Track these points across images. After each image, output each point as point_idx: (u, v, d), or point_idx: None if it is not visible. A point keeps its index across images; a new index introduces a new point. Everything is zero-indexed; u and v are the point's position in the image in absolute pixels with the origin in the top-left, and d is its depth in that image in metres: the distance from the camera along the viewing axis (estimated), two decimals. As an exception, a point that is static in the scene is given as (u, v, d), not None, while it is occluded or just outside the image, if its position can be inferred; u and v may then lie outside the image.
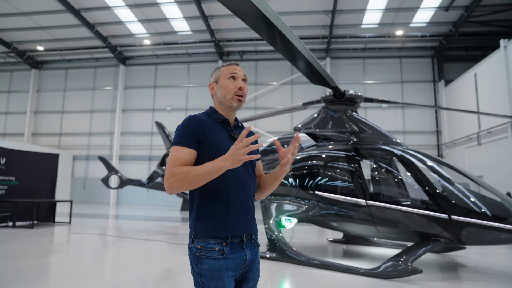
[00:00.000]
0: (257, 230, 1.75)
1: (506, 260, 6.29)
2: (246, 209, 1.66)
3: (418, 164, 5.40)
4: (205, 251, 1.57)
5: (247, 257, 1.64)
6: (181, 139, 1.61)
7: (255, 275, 1.71)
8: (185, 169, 1.51)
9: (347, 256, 6.51)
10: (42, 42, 22.91)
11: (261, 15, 3.23)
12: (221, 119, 1.72)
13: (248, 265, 1.67)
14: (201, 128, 1.63)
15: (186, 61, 24.39)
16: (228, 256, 1.58)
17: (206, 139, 1.61)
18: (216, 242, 1.58)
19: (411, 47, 21.94)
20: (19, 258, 5.68)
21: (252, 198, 1.73)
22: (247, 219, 1.67)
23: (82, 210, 16.60)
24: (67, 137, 25.11)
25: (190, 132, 1.61)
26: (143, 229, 10.40)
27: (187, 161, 1.58)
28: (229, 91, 1.70)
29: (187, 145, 1.59)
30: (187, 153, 1.58)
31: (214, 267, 1.55)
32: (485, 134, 16.88)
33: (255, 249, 1.71)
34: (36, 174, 10.59)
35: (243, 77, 1.75)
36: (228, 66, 1.77)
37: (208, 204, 1.62)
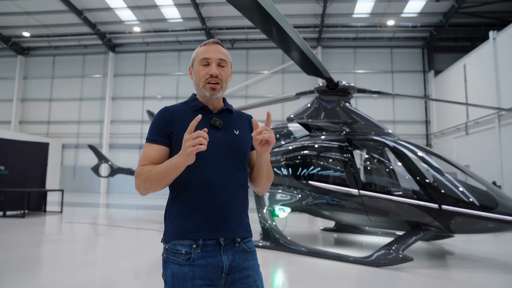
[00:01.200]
0: (247, 234, 1.49)
1: (491, 247, 6.49)
2: (227, 208, 1.42)
3: (409, 155, 5.50)
4: (171, 253, 1.39)
5: (225, 263, 1.38)
6: (150, 135, 1.46)
7: (251, 286, 1.42)
8: (147, 169, 1.36)
9: (338, 244, 6.64)
10: (28, 28, 22.34)
11: (257, 6, 3.22)
12: (199, 106, 1.51)
13: (232, 274, 1.40)
14: (169, 121, 1.45)
15: (176, 49, 24.10)
16: (196, 262, 1.36)
17: (175, 132, 1.44)
18: (183, 243, 1.38)
19: (402, 37, 22.03)
20: (11, 248, 5.67)
21: (240, 195, 1.49)
22: (228, 220, 1.42)
23: (72, 199, 16.49)
24: (55, 125, 24.74)
25: (158, 127, 1.45)
26: (135, 218, 10.41)
27: (154, 158, 1.42)
28: (201, 78, 1.49)
29: (156, 141, 1.44)
30: (155, 150, 1.43)
31: (176, 275, 1.35)
32: (473, 124, 17.18)
33: (245, 255, 1.45)
34: (26, 163, 10.46)
35: (218, 61, 1.49)
36: (203, 47, 1.53)
37: (177, 202, 1.44)
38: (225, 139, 1.47)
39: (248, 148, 1.56)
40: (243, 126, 1.59)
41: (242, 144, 1.52)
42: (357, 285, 4.11)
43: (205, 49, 1.51)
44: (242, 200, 1.50)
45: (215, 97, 1.49)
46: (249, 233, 1.50)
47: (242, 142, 1.52)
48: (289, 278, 4.60)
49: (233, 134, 1.51)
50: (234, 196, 1.45)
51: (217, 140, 1.45)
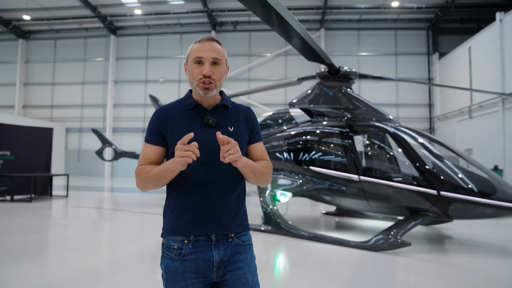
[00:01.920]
0: (241, 229, 1.52)
1: (490, 232, 6.58)
2: (219, 205, 1.46)
3: (409, 141, 5.53)
4: (166, 248, 1.47)
5: (215, 258, 1.43)
6: (147, 135, 1.51)
7: (239, 278, 1.46)
8: (147, 169, 1.43)
9: (339, 228, 6.76)
10: (28, 10, 22.15)
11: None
12: (192, 105, 1.51)
13: (223, 267, 1.45)
14: (163, 121, 1.48)
15: (178, 31, 23.89)
16: (186, 257, 1.42)
17: (169, 132, 1.47)
18: (176, 239, 1.45)
19: (406, 19, 21.70)
20: (20, 233, 5.82)
21: (236, 191, 1.51)
22: (220, 217, 1.46)
23: (78, 183, 16.72)
24: (59, 109, 24.84)
25: (153, 128, 1.49)
26: (139, 201, 10.59)
27: (152, 159, 1.48)
28: (194, 77, 1.47)
29: (152, 142, 1.49)
30: (152, 151, 1.49)
31: (169, 269, 1.43)
32: (476, 108, 17.10)
33: (237, 249, 1.49)
34: (31, 148, 10.60)
35: (212, 60, 1.46)
36: (197, 45, 1.49)
37: (171, 200, 1.50)
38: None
39: (243, 143, 1.54)
40: (238, 121, 1.57)
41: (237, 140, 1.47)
42: (356, 269, 4.23)
43: (199, 47, 1.48)
44: (238, 196, 1.52)
45: (209, 96, 1.48)
46: (244, 227, 1.53)
47: (235, 139, 1.46)
48: (289, 261, 4.73)
49: (228, 131, 1.50)
50: (227, 193, 1.48)
51: (210, 139, 1.45)
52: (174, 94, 23.44)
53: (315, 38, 22.32)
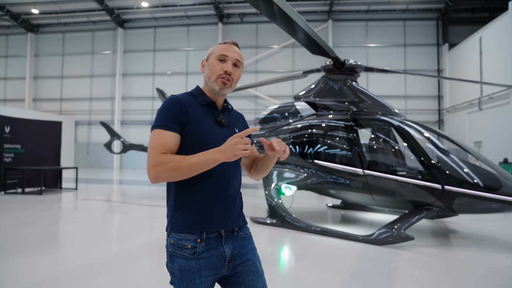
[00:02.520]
0: (245, 222, 1.61)
1: (497, 226, 6.55)
2: (232, 201, 1.53)
3: (414, 135, 5.51)
4: (177, 248, 1.46)
5: (227, 253, 1.49)
6: (164, 121, 1.43)
7: (250, 268, 1.55)
8: (176, 158, 1.37)
9: (345, 221, 6.79)
10: (36, 4, 22.32)
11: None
12: (207, 101, 1.55)
13: (234, 260, 1.52)
14: (183, 111, 1.46)
15: (185, 23, 23.87)
16: (201, 255, 1.45)
17: (188, 123, 1.46)
18: (189, 238, 1.45)
19: (415, 9, 21.36)
20: (31, 225, 5.97)
21: (239, 188, 1.60)
22: (233, 212, 1.53)
23: (87, 175, 16.97)
24: (68, 102, 25.11)
25: (172, 114, 1.44)
26: (147, 194, 10.72)
27: (172, 146, 1.43)
28: (214, 72, 1.53)
29: (171, 129, 1.43)
30: (172, 138, 1.43)
31: (184, 268, 1.44)
32: (486, 99, 16.85)
33: (243, 242, 1.57)
34: (40, 141, 10.78)
35: (235, 61, 1.55)
36: (222, 45, 1.57)
37: (187, 194, 1.48)
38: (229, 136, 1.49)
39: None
40: (240, 123, 1.69)
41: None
42: (359, 262, 4.26)
43: (225, 47, 1.56)
44: (240, 193, 1.62)
45: (223, 93, 1.54)
46: (245, 221, 1.63)
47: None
48: (293, 254, 4.79)
49: (234, 132, 1.59)
50: (235, 189, 1.56)
51: (223, 137, 1.50)
52: (182, 86, 23.50)
53: (323, 30, 22.13)
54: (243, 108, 22.39)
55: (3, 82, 25.84)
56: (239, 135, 1.34)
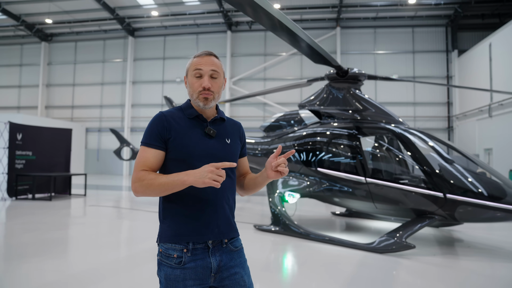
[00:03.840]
0: (235, 234, 1.62)
1: (503, 235, 6.47)
2: (219, 212, 1.54)
3: (417, 144, 5.52)
4: (165, 256, 1.51)
5: (213, 264, 1.52)
6: (147, 139, 1.52)
7: (237, 281, 1.57)
8: (151, 176, 1.44)
9: (349, 229, 6.79)
10: (50, 14, 22.89)
11: (261, 9, 3.33)
12: (194, 115, 1.58)
13: (221, 272, 1.54)
14: (166, 127, 1.52)
15: (194, 32, 24.19)
16: (186, 265, 1.48)
17: (172, 139, 1.51)
18: (175, 248, 1.49)
19: (424, 16, 21.30)
20: (40, 231, 6.11)
21: (229, 200, 1.60)
22: (220, 223, 1.55)
23: (96, 182, 17.21)
24: (79, 109, 25.56)
25: (155, 132, 1.51)
26: (155, 201, 10.83)
27: (152, 163, 1.50)
28: (194, 90, 1.56)
29: (153, 146, 1.51)
30: (153, 155, 1.50)
31: (169, 277, 1.48)
32: (496, 106, 16.66)
33: (232, 254, 1.59)
34: (51, 148, 11.02)
35: (211, 73, 1.55)
36: (195, 59, 1.59)
37: (173, 206, 1.53)
38: (218, 148, 1.56)
39: (237, 156, 1.67)
40: (233, 134, 1.68)
41: (233, 152, 1.62)
42: (360, 270, 4.28)
43: (199, 61, 1.56)
44: (231, 204, 1.62)
45: (208, 107, 1.56)
46: (236, 233, 1.63)
47: (232, 151, 1.62)
48: (295, 262, 4.82)
49: (225, 143, 1.60)
50: (224, 201, 1.56)
51: (210, 149, 1.54)
52: (190, 94, 23.71)
53: (331, 37, 22.19)
54: (251, 115, 22.51)
55: (17, 90, 26.44)
56: (215, 165, 1.36)
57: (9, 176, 9.80)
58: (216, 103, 1.66)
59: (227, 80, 22.92)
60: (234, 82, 23.13)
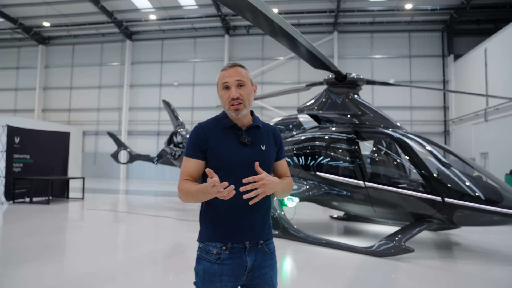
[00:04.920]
0: (269, 236, 1.73)
1: (500, 239, 6.52)
2: (254, 216, 1.65)
3: (415, 148, 5.57)
4: (204, 252, 1.64)
5: (248, 263, 1.63)
6: (187, 150, 1.67)
7: (266, 281, 1.68)
8: (186, 186, 1.59)
9: (347, 233, 6.82)
10: (47, 17, 22.88)
11: (261, 13, 3.36)
12: (229, 124, 1.69)
13: (253, 271, 1.66)
14: (203, 138, 1.65)
15: (192, 35, 24.25)
16: (224, 261, 1.60)
17: (209, 149, 1.64)
18: (215, 245, 1.62)
19: (420, 21, 21.49)
20: (38, 234, 6.09)
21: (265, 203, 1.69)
22: (254, 226, 1.66)
23: (93, 185, 17.16)
24: (76, 112, 25.50)
25: (194, 143, 1.66)
26: (153, 204, 10.84)
27: (193, 172, 1.65)
28: (225, 102, 1.68)
29: (193, 156, 1.65)
30: (193, 164, 1.65)
31: (208, 270, 1.60)
32: (492, 110, 16.81)
33: (265, 255, 1.70)
34: (49, 152, 10.99)
35: (237, 82, 1.65)
36: (222, 73, 1.69)
37: (210, 209, 1.66)
38: (253, 155, 1.65)
39: (272, 161, 1.77)
40: (268, 140, 1.76)
41: (268, 158, 1.72)
42: (359, 273, 4.31)
43: (224, 74, 1.68)
44: (267, 208, 1.73)
45: (240, 115, 1.67)
46: (271, 235, 1.75)
47: (267, 156, 1.72)
48: (294, 265, 4.84)
49: (260, 150, 1.70)
50: (259, 206, 1.66)
51: (245, 156, 1.64)
52: (188, 97, 23.77)
53: (328, 41, 22.33)
54: (248, 119, 22.49)
55: (14, 92, 26.35)
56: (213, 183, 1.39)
57: (7, 180, 9.77)
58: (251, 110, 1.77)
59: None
60: (231, 86, 23.13)
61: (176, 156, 10.71)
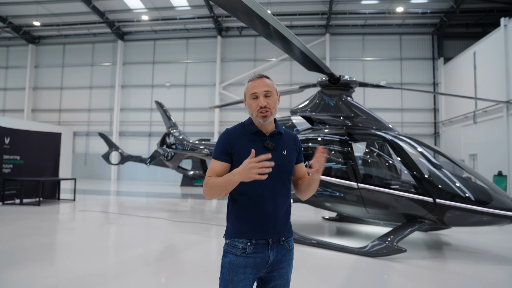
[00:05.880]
0: (290, 234, 1.86)
1: (490, 239, 6.64)
2: (275, 214, 1.78)
3: (407, 150, 5.65)
4: (231, 247, 1.79)
5: (270, 258, 1.77)
6: (215, 153, 1.82)
7: (283, 275, 1.83)
8: (212, 180, 1.72)
9: (340, 234, 6.88)
10: (38, 17, 22.63)
11: (258, 17, 3.39)
12: (255, 130, 1.84)
13: (272, 265, 1.79)
14: (230, 143, 1.80)
15: (184, 36, 24.20)
16: (249, 255, 1.75)
17: (236, 152, 1.78)
18: (241, 241, 1.77)
19: (411, 24, 21.77)
20: (28, 236, 6.03)
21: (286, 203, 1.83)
22: (276, 224, 1.78)
23: (84, 186, 17.00)
24: (67, 113, 25.25)
25: (221, 147, 1.80)
26: (145, 206, 10.78)
27: (219, 172, 1.78)
28: (253, 110, 1.82)
29: (219, 159, 1.80)
30: (219, 166, 1.79)
31: (233, 262, 1.75)
32: (481, 113, 17.09)
33: (285, 251, 1.83)
34: (39, 153, 10.86)
35: (264, 92, 1.80)
36: (251, 83, 1.85)
37: (235, 208, 1.81)
38: (275, 159, 1.74)
39: (293, 165, 1.91)
40: (289, 145, 1.90)
41: (289, 162, 1.86)
42: (353, 274, 4.35)
43: (253, 85, 1.83)
44: (287, 208, 1.86)
45: (267, 122, 1.81)
46: (291, 233, 1.89)
47: (289, 161, 1.86)
48: (288, 267, 4.87)
49: (282, 155, 1.83)
50: (280, 205, 1.81)
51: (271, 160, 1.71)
52: (180, 98, 23.70)
53: (320, 43, 22.48)
54: (240, 121, 22.50)
55: (3, 92, 26.00)
56: (255, 160, 1.56)
57: (-4, 181, 9.63)
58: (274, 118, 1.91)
59: (217, 85, 22.97)
60: (224, 87, 23.19)
61: (169, 157, 10.67)
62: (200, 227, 7.34)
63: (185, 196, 14.20)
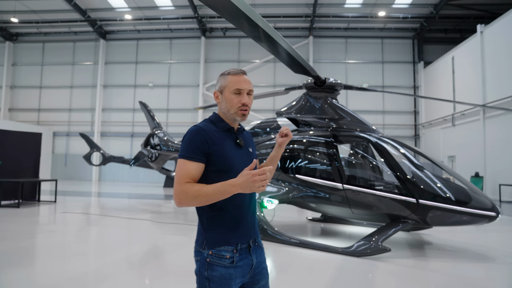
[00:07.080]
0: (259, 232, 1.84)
1: (469, 238, 6.87)
2: (252, 215, 1.76)
3: (391, 151, 5.78)
4: (217, 258, 1.63)
5: (254, 261, 1.71)
6: (188, 152, 1.60)
7: (264, 274, 1.79)
8: (196, 188, 1.53)
9: (324, 234, 6.97)
10: (16, 13, 22.01)
11: (246, 17, 3.40)
12: (227, 127, 1.73)
13: (255, 268, 1.73)
14: (208, 141, 1.62)
15: (168, 36, 24.00)
16: (237, 264, 1.64)
17: (215, 152, 1.63)
18: (227, 249, 1.64)
19: (392, 28, 22.23)
20: (7, 239, 5.87)
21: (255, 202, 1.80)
22: (254, 224, 1.77)
23: (65, 188, 16.63)
24: (46, 113, 24.63)
25: (196, 145, 1.61)
26: (127, 207, 10.64)
27: (195, 175, 1.60)
28: (233, 105, 1.70)
29: (194, 159, 1.59)
30: (195, 167, 1.59)
31: (224, 276, 1.61)
32: (459, 116, 17.60)
33: (260, 251, 1.80)
34: (19, 153, 10.56)
35: (248, 90, 1.72)
36: (234, 77, 1.73)
37: (219, 214, 1.66)
38: (247, 157, 1.75)
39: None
40: (251, 142, 1.89)
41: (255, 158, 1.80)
42: (339, 274, 4.42)
43: (237, 80, 1.72)
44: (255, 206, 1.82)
45: (243, 121, 1.76)
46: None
47: (255, 157, 1.82)
48: (275, 267, 4.90)
49: (249, 152, 1.80)
50: (253, 204, 1.77)
51: (244, 158, 1.73)
52: (163, 99, 23.48)
53: (304, 46, 22.69)
54: (225, 121, 22.46)
55: (-22, 91, 25.17)
56: (258, 172, 1.44)
57: (-27, 182, 9.32)
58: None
59: (200, 86, 22.88)
60: (207, 88, 23.11)
61: (154, 158, 10.58)
62: (184, 228, 7.30)
63: (168, 197, 14.07)
